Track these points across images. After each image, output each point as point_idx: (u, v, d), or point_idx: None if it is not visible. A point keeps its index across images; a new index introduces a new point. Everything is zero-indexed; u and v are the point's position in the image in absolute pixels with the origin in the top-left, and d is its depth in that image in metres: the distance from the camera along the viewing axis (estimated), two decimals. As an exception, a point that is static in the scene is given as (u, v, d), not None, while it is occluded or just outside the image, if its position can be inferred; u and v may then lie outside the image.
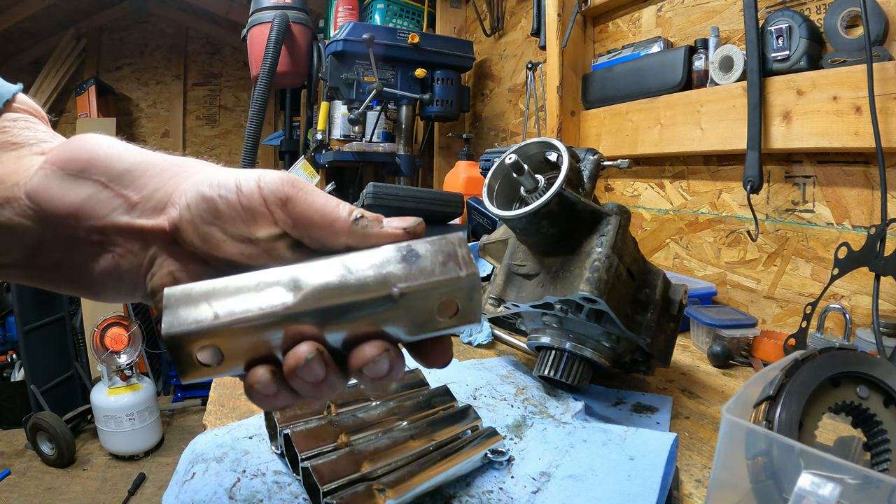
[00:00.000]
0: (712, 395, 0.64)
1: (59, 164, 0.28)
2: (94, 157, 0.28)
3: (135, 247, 0.28)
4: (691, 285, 0.93)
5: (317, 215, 0.27)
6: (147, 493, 2.20)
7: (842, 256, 0.69)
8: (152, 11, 3.71)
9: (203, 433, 0.47)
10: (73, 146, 0.29)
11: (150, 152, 0.29)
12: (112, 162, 0.28)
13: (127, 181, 0.28)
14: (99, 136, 0.30)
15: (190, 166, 0.29)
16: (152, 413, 2.48)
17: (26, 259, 0.29)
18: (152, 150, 0.30)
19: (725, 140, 0.92)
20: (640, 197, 1.20)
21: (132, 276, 0.29)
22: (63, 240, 0.28)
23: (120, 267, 0.28)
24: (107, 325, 2.43)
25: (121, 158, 0.28)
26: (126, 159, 0.28)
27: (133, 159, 0.28)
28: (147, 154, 0.29)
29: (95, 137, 0.29)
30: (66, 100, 3.51)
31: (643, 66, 1.12)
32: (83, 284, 0.30)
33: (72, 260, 0.29)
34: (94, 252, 0.28)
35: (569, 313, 0.55)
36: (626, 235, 0.57)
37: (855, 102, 0.73)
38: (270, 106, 3.84)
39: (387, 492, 0.37)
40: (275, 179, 0.28)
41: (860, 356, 0.38)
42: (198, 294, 0.24)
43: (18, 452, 2.48)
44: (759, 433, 0.33)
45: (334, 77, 1.63)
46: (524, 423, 0.52)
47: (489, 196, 0.59)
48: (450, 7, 2.09)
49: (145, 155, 0.29)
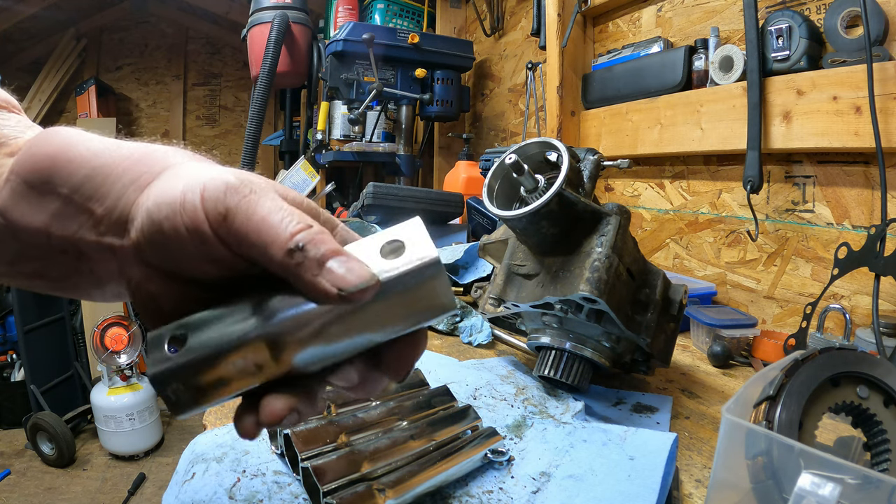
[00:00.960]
0: (712, 395, 0.64)
1: (24, 174, 0.26)
2: (55, 165, 0.26)
3: (108, 260, 0.27)
4: (691, 285, 0.93)
5: (253, 234, 0.23)
6: (147, 493, 2.20)
7: (842, 256, 0.69)
8: (152, 11, 3.71)
9: (203, 433, 0.47)
10: (36, 151, 0.26)
11: (114, 148, 0.27)
12: (74, 168, 0.26)
13: (90, 190, 0.26)
14: (65, 131, 0.27)
15: (152, 166, 0.26)
16: (152, 413, 2.48)
17: (9, 270, 0.29)
18: (124, 141, 0.28)
19: (725, 140, 0.92)
20: (640, 197, 1.20)
21: (113, 283, 0.28)
22: (40, 253, 0.27)
23: (98, 275, 0.28)
24: (107, 325, 2.43)
25: (83, 162, 0.26)
26: (88, 163, 0.26)
27: (95, 162, 0.26)
28: (110, 151, 0.26)
29: (60, 134, 0.27)
30: (66, 100, 3.51)
31: (643, 66, 1.12)
32: (68, 289, 0.29)
33: (52, 270, 0.28)
34: (71, 263, 0.28)
35: (569, 313, 0.55)
36: (626, 235, 0.57)
37: (855, 102, 0.73)
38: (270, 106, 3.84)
39: (387, 492, 0.37)
40: (218, 187, 0.23)
41: (860, 356, 0.38)
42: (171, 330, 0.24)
43: (18, 452, 2.48)
44: (759, 433, 0.33)
45: (334, 77, 1.63)
46: (524, 423, 0.52)
47: (489, 196, 0.59)
48: (450, 7, 2.09)
49: (108, 154, 0.26)
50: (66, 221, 0.26)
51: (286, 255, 0.22)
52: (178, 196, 0.23)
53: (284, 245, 0.22)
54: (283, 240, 0.22)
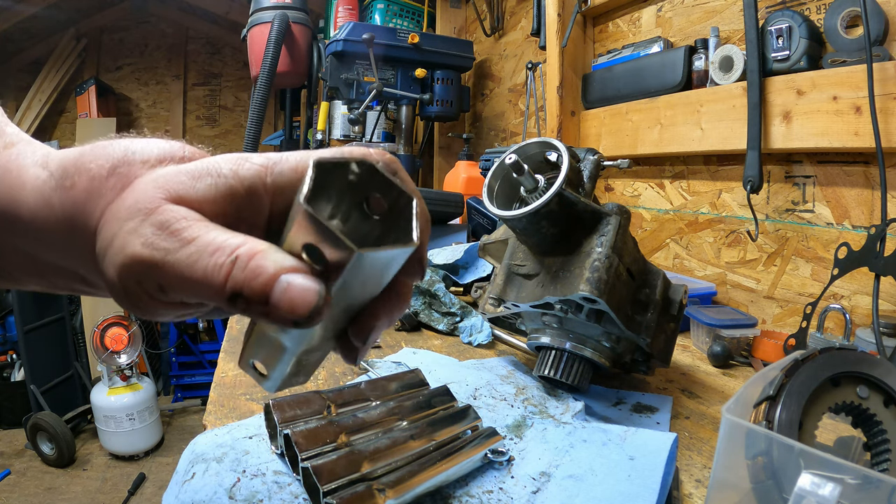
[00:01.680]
0: (712, 395, 0.64)
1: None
2: (7, 221, 0.25)
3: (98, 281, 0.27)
4: (691, 285, 0.93)
5: (192, 292, 0.21)
6: (147, 493, 2.21)
7: (842, 256, 0.69)
8: (152, 11, 3.72)
9: (203, 433, 0.47)
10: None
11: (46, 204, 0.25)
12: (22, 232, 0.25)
13: (38, 250, 0.26)
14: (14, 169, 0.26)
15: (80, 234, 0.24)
16: (152, 413, 2.48)
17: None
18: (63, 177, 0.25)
19: (725, 140, 0.92)
20: (640, 197, 1.20)
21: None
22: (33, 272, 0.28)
23: (97, 287, 0.28)
24: (107, 325, 2.43)
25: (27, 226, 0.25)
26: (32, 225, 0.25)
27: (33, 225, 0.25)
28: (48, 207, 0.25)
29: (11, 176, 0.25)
30: (66, 100, 3.51)
31: (643, 66, 1.12)
32: (73, 292, 0.30)
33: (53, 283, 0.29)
34: (68, 283, 0.29)
35: (569, 313, 0.55)
36: (626, 235, 0.57)
37: (855, 102, 0.73)
38: (270, 106, 3.84)
39: (387, 492, 0.37)
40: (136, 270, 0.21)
41: (860, 356, 0.38)
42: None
43: (18, 452, 2.48)
44: (759, 433, 0.33)
45: (334, 77, 1.63)
46: (524, 423, 0.52)
47: (489, 196, 0.59)
48: (450, 7, 2.09)
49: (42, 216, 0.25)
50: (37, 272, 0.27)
51: (231, 306, 0.21)
52: (112, 277, 0.22)
53: (224, 297, 0.21)
54: (219, 292, 0.21)
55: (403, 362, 0.66)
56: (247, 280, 0.20)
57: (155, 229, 0.21)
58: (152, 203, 0.22)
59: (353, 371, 0.66)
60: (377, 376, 0.56)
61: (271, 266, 0.20)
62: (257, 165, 0.24)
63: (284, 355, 0.25)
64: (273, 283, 0.20)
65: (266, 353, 0.25)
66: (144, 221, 0.22)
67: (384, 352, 0.72)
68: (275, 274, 0.20)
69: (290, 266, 0.20)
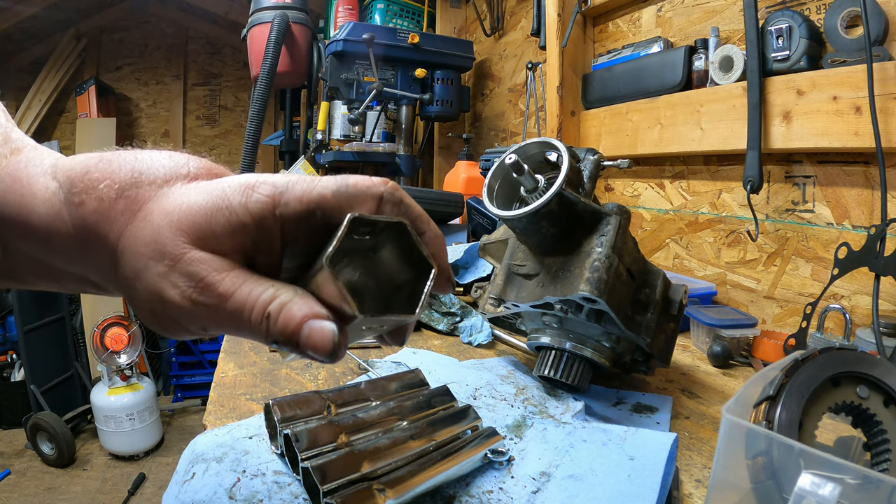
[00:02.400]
0: (712, 395, 0.64)
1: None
2: (20, 229, 0.26)
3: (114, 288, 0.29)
4: (691, 285, 0.93)
5: (234, 330, 0.25)
6: (147, 493, 2.20)
7: (842, 256, 0.69)
8: (152, 11, 3.71)
9: (203, 433, 0.47)
10: (3, 206, 0.26)
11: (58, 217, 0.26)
12: (34, 240, 0.26)
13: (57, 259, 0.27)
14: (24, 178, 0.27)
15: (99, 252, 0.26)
16: (152, 413, 2.48)
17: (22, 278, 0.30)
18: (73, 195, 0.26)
19: (725, 140, 0.92)
20: (640, 197, 1.20)
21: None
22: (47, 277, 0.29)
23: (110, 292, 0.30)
24: (107, 325, 2.43)
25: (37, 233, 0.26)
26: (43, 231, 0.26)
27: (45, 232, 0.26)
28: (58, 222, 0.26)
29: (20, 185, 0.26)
30: (66, 100, 3.51)
31: (643, 66, 1.12)
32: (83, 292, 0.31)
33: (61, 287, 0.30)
34: (80, 286, 0.29)
35: (569, 313, 0.55)
36: (626, 235, 0.57)
37: (855, 102, 0.72)
38: (270, 106, 3.84)
39: (387, 492, 0.37)
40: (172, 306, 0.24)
41: (860, 356, 0.38)
42: None
43: (18, 452, 2.48)
44: (759, 433, 0.33)
45: (334, 77, 1.63)
46: (524, 423, 0.52)
47: (489, 196, 0.59)
48: (450, 7, 2.09)
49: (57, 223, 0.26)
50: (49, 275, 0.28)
51: (269, 344, 0.25)
52: (144, 308, 0.25)
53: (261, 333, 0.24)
54: (261, 340, 0.25)
55: (403, 362, 0.66)
56: (279, 331, 0.24)
57: (188, 281, 0.24)
58: (176, 248, 0.24)
59: (353, 371, 0.66)
60: (377, 376, 0.56)
61: (297, 316, 0.24)
62: (265, 197, 0.25)
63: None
64: (299, 331, 0.24)
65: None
66: (173, 269, 0.24)
67: (384, 352, 0.72)
68: (299, 323, 0.24)
69: (311, 314, 0.24)
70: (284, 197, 0.25)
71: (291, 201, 0.25)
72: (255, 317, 0.24)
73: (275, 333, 0.24)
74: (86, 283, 0.28)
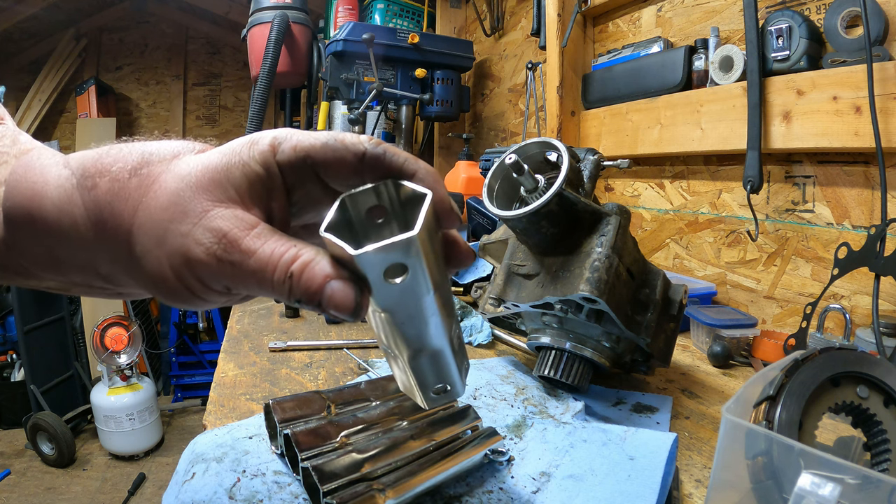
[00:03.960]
0: (712, 395, 0.64)
1: (9, 214, 0.27)
2: (30, 216, 0.27)
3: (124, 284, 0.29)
4: (691, 285, 0.93)
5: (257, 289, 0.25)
6: (147, 493, 2.21)
7: (842, 256, 0.69)
8: (152, 11, 3.71)
9: (203, 433, 0.47)
10: (16, 193, 0.27)
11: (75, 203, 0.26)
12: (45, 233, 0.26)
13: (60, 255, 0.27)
14: (37, 167, 0.27)
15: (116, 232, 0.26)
16: (152, 413, 2.48)
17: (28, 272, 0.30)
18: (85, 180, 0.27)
19: (725, 140, 0.92)
20: (640, 197, 1.20)
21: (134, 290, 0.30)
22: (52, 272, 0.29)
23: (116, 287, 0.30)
24: (107, 325, 2.43)
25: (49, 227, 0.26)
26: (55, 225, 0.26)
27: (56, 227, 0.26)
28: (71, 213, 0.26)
29: (34, 173, 0.27)
30: (66, 100, 3.51)
31: (643, 66, 1.12)
32: (86, 294, 0.31)
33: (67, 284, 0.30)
34: (87, 280, 0.29)
35: (569, 313, 0.55)
36: (626, 235, 0.57)
37: (855, 102, 0.72)
38: (270, 106, 3.84)
39: (387, 492, 0.37)
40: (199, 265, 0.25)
41: (860, 356, 0.38)
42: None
43: (18, 452, 2.48)
44: (759, 433, 0.33)
45: (334, 77, 1.63)
46: (524, 423, 0.52)
47: (489, 196, 0.59)
48: (450, 7, 2.09)
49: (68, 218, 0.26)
50: (65, 268, 0.28)
51: (292, 304, 0.26)
52: (168, 275, 0.25)
53: (287, 302, 0.25)
54: (283, 298, 0.25)
55: (403, 362, 0.66)
56: (302, 291, 0.24)
57: (213, 237, 0.25)
58: (199, 206, 0.25)
59: (353, 371, 0.66)
60: (377, 376, 0.56)
61: (319, 277, 0.24)
62: (267, 146, 0.27)
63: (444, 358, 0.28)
64: (321, 291, 0.24)
65: (431, 373, 0.29)
66: (197, 226, 0.25)
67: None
68: (321, 283, 0.24)
69: (332, 274, 0.24)
70: (282, 146, 0.27)
71: (287, 149, 0.27)
72: (278, 276, 0.24)
73: (297, 293, 0.24)
74: (94, 276, 0.28)
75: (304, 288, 0.24)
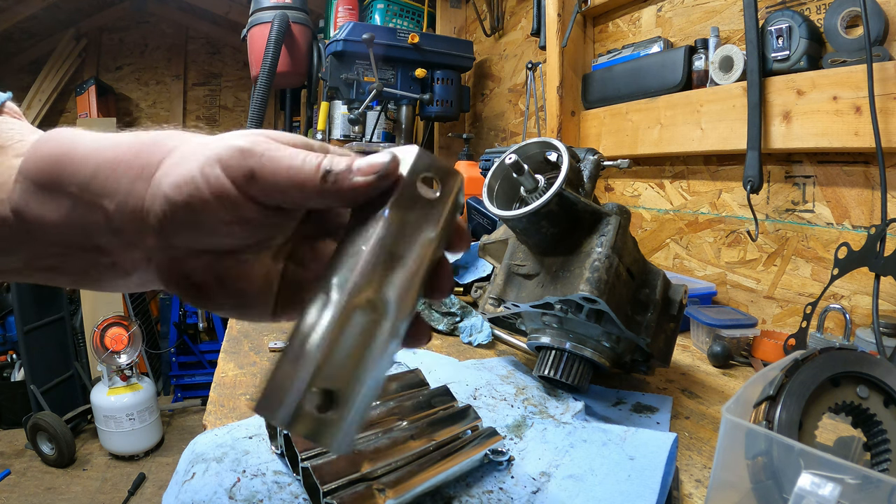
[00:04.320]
0: (712, 395, 0.64)
1: (32, 175, 0.27)
2: (60, 163, 0.27)
3: (131, 251, 0.28)
4: (691, 285, 0.93)
5: (284, 182, 0.25)
6: (147, 493, 2.21)
7: (842, 256, 0.69)
8: (152, 11, 3.71)
9: (203, 433, 0.47)
10: (41, 152, 0.27)
11: (115, 141, 0.27)
12: (78, 165, 0.27)
13: (97, 188, 0.26)
14: (67, 131, 0.28)
15: (151, 156, 0.27)
16: (152, 413, 2.48)
17: (26, 266, 0.29)
18: (123, 133, 0.28)
19: (725, 140, 0.92)
20: (640, 197, 1.20)
21: (140, 271, 0.29)
22: (58, 250, 0.28)
23: (124, 267, 0.28)
24: (107, 325, 2.43)
25: (86, 159, 0.27)
26: (92, 159, 0.27)
27: (98, 157, 0.27)
28: (113, 146, 0.27)
29: (63, 134, 0.28)
30: (67, 100, 3.51)
31: (643, 66, 1.12)
32: (89, 283, 0.30)
33: (71, 265, 0.29)
34: (91, 258, 0.28)
35: (569, 313, 0.55)
36: (626, 235, 0.57)
37: (855, 102, 0.72)
38: (270, 106, 3.84)
39: (387, 492, 0.37)
40: (234, 155, 0.25)
41: (860, 356, 0.38)
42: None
43: (18, 452, 2.48)
44: (759, 433, 0.33)
45: (334, 77, 1.63)
46: (524, 423, 0.52)
47: (489, 196, 0.59)
48: (450, 7, 2.09)
49: (110, 149, 0.27)
50: (79, 219, 0.27)
51: (322, 182, 0.25)
52: (195, 174, 0.25)
53: (316, 177, 0.25)
54: (312, 173, 0.25)
55: (403, 362, 0.66)
56: (335, 162, 0.26)
57: (250, 137, 0.26)
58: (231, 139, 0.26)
59: (353, 371, 0.66)
60: (377, 376, 0.56)
61: (352, 156, 0.26)
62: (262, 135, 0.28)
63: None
64: (353, 160, 0.26)
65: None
66: (235, 136, 0.26)
67: (384, 352, 0.72)
68: (350, 162, 0.26)
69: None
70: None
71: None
72: (309, 157, 0.26)
73: (328, 164, 0.25)
74: (93, 252, 0.28)
75: (335, 160, 0.26)
